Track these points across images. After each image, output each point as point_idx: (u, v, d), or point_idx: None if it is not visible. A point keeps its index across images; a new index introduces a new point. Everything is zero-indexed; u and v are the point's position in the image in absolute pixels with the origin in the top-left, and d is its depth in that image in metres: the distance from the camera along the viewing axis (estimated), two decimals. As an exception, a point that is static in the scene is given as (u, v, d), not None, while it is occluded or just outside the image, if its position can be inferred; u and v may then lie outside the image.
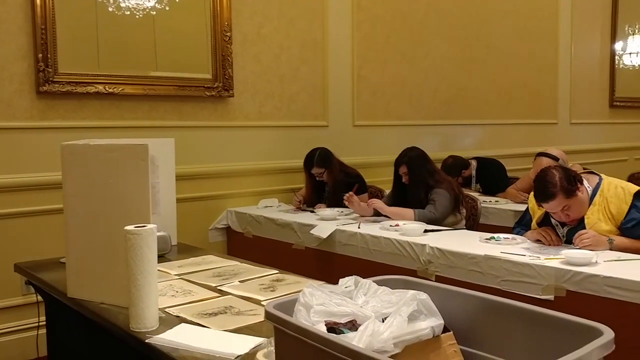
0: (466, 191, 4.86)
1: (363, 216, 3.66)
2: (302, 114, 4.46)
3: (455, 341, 1.29)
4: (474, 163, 4.85)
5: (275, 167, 4.32)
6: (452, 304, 1.35)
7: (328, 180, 4.03)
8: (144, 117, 3.75)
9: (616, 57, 6.77)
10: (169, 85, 3.83)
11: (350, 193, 3.63)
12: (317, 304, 1.24)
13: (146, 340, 1.69)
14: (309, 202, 4.08)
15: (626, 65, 6.71)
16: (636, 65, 6.70)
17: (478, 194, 4.77)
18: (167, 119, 3.83)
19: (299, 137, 4.37)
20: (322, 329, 1.20)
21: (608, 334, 1.07)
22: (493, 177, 4.74)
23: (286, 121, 4.38)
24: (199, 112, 3.98)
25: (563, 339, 1.07)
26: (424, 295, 1.27)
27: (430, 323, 1.25)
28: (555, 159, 3.91)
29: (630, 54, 6.64)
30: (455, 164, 4.76)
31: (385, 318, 1.23)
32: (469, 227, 3.65)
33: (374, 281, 1.40)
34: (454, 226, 3.53)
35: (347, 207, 3.73)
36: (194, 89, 3.92)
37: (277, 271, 2.47)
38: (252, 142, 4.23)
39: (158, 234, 2.04)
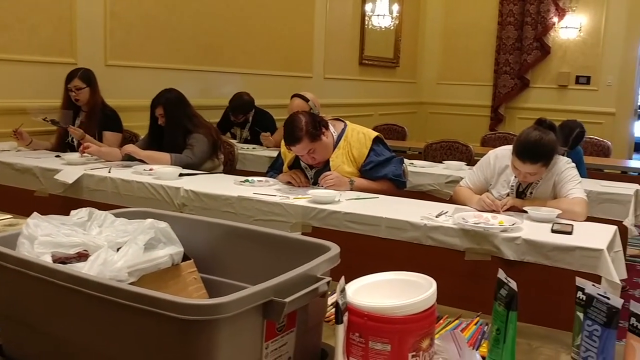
0: (233, 136, 4.95)
1: (113, 161, 3.48)
2: (46, 49, 4.03)
3: (195, 269, 1.28)
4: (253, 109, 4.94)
5: (12, 106, 3.85)
6: (195, 232, 1.33)
7: (86, 101, 3.77)
8: None
9: (366, 18, 7.26)
10: None
11: (85, 145, 3.45)
12: (42, 235, 1.13)
13: None
14: (63, 120, 3.78)
15: (374, 26, 7.24)
16: (383, 26, 7.26)
17: (238, 141, 4.85)
18: None
19: (42, 75, 3.96)
20: (48, 260, 1.10)
21: (334, 249, 1.13)
22: (264, 128, 4.85)
23: (26, 55, 3.92)
24: None
25: (297, 257, 1.10)
26: (163, 224, 1.23)
27: (169, 251, 1.22)
28: (306, 99, 4.12)
29: (378, 15, 7.17)
30: (250, 102, 4.87)
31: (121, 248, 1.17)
32: (226, 172, 3.67)
33: (112, 214, 1.32)
34: (211, 171, 3.53)
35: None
36: None
37: (10, 216, 2.23)
38: (-16, 77, 3.74)
39: None
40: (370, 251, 2.48)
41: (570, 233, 2.30)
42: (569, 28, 7.98)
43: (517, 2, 8.19)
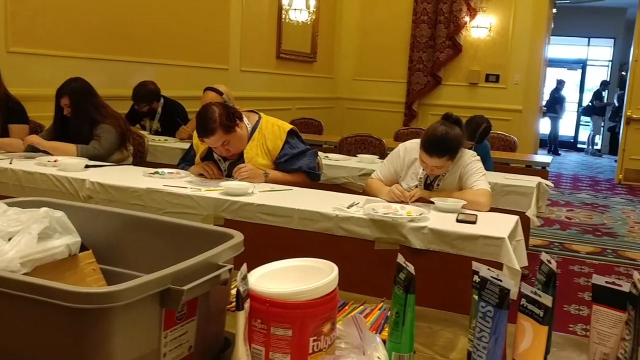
0: (143, 128, 4.81)
1: (14, 152, 3.32)
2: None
3: (94, 259, 1.23)
4: (162, 100, 4.80)
5: None
6: (93, 222, 1.28)
7: None
8: None
9: (283, 12, 7.25)
10: None
11: None
12: None
13: None
14: None
15: (292, 20, 7.24)
16: (300, 21, 7.28)
17: (148, 132, 4.72)
18: None
19: None
20: None
21: (238, 237, 1.12)
22: (176, 120, 4.74)
23: None
24: None
25: (201, 246, 1.09)
26: (59, 213, 1.18)
27: (66, 241, 1.17)
28: (220, 93, 4.07)
29: (295, 9, 7.17)
30: (154, 91, 4.68)
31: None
32: (136, 164, 3.58)
33: (4, 203, 1.25)
34: (120, 163, 3.43)
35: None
36: None
37: None
38: None
39: None
40: (283, 242, 2.48)
41: (474, 223, 2.39)
42: (479, 27, 8.29)
43: (431, 0, 8.41)
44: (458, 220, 2.41)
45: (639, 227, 6.12)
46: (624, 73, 12.22)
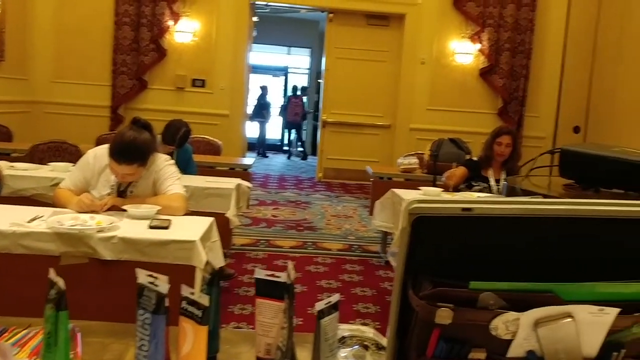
0: None
1: None
2: None
3: None
4: None
5: None
6: None
7: None
8: None
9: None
10: None
11: None
12: None
13: None
14: None
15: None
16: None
17: None
18: None
19: None
20: None
21: None
22: None
23: None
24: None
25: None
26: None
27: None
28: None
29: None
30: None
31: None
32: None
33: None
34: None
35: None
36: None
37: None
38: None
39: None
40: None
41: (167, 228, 2.37)
42: (184, 32, 8.33)
43: (133, 2, 8.19)
44: (151, 227, 2.36)
45: (334, 220, 6.76)
46: (320, 80, 13.42)
